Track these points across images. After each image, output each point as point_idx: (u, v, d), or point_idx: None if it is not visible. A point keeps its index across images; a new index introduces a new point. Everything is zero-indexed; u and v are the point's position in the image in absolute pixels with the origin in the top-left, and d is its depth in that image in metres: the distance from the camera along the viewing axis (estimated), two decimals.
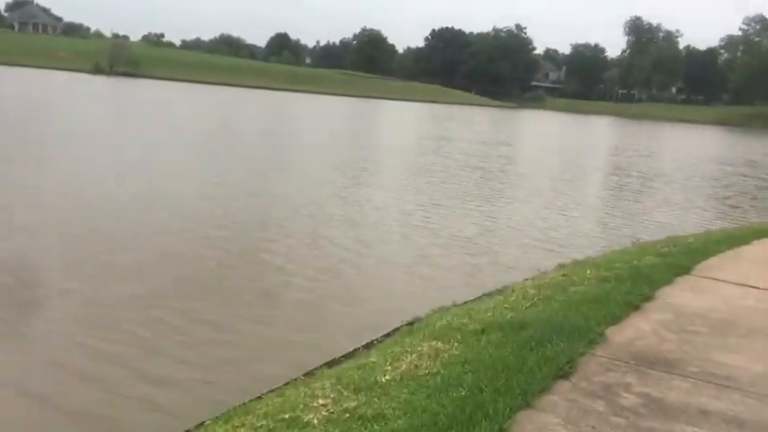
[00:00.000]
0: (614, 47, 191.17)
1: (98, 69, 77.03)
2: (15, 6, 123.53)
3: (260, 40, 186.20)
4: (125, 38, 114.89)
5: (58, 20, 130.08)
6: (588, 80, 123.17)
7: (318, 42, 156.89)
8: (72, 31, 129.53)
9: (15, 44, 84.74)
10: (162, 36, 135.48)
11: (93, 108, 35.17)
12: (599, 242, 11.83)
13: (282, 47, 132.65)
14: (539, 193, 18.25)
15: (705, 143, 53.46)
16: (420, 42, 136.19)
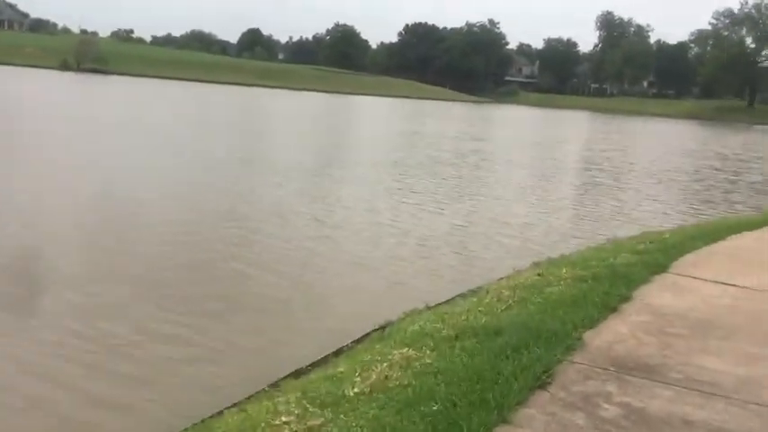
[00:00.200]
0: (586, 42, 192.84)
1: (65, 66, 75.54)
2: None
3: (232, 35, 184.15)
4: (94, 34, 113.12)
5: (25, 16, 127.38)
6: (561, 75, 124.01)
7: (291, 38, 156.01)
8: (39, 27, 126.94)
9: None
10: (131, 32, 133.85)
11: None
12: (574, 239, 11.66)
13: (255, 42, 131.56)
14: (512, 190, 18.16)
15: (677, 137, 54.02)
16: (393, 38, 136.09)
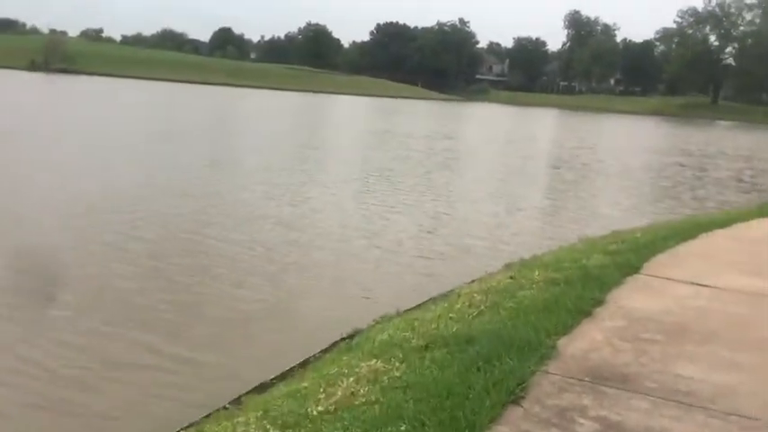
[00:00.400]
0: (555, 40, 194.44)
1: (34, 66, 74.05)
2: None
3: (203, 34, 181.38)
4: (63, 34, 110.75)
5: None
6: (531, 73, 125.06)
7: (263, 37, 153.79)
8: (7, 27, 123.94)
9: None
10: (101, 32, 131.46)
11: None
12: (545, 239, 11.57)
13: (226, 41, 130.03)
14: (483, 189, 18.06)
15: (643, 134, 54.75)
16: (365, 37, 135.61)
